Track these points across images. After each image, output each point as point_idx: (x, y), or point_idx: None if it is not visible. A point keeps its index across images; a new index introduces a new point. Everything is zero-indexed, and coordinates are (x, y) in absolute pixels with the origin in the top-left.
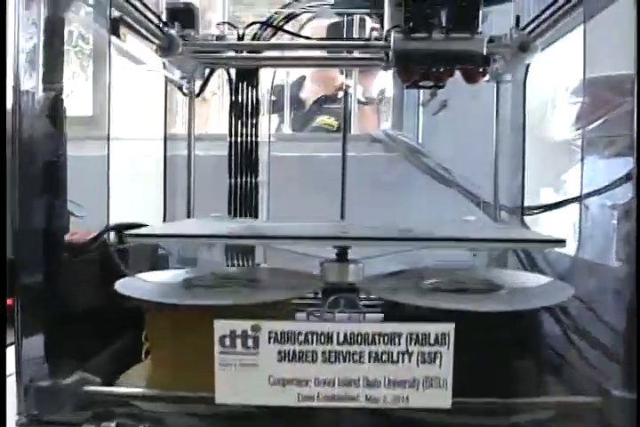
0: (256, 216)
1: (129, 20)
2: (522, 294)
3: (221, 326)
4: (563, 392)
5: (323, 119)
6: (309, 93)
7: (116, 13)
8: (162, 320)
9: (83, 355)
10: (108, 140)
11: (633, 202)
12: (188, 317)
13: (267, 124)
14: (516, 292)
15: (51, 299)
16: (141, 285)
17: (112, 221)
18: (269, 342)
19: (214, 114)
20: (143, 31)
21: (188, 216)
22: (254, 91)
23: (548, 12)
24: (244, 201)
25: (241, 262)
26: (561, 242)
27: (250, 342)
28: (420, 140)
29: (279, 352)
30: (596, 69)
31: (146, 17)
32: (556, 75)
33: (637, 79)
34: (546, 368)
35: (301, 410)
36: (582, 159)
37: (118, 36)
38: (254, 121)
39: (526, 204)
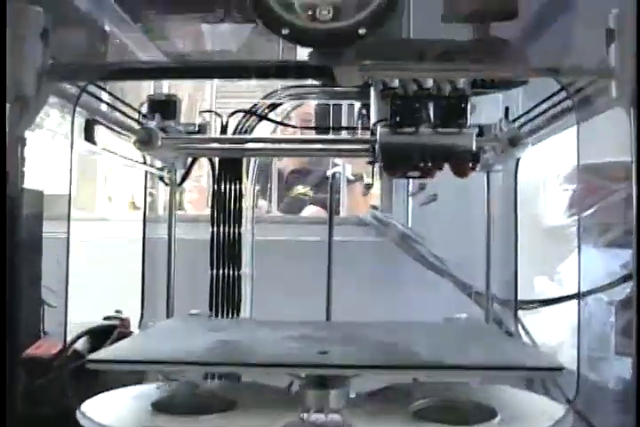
0: (238, 311)
1: (102, 120)
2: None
3: None
4: None
5: (299, 190)
6: (285, 164)
7: (91, 114)
8: None
9: None
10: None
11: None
12: None
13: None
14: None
15: None
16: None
17: (92, 308)
18: None
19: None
20: (120, 128)
21: (168, 313)
22: (237, 181)
23: (538, 110)
24: (225, 295)
25: None
26: (557, 370)
27: None
28: (410, 225)
29: None
30: (588, 156)
31: (123, 112)
32: (547, 159)
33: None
34: None
35: None
36: (579, 254)
37: (92, 140)
38: (237, 211)
39: (520, 291)
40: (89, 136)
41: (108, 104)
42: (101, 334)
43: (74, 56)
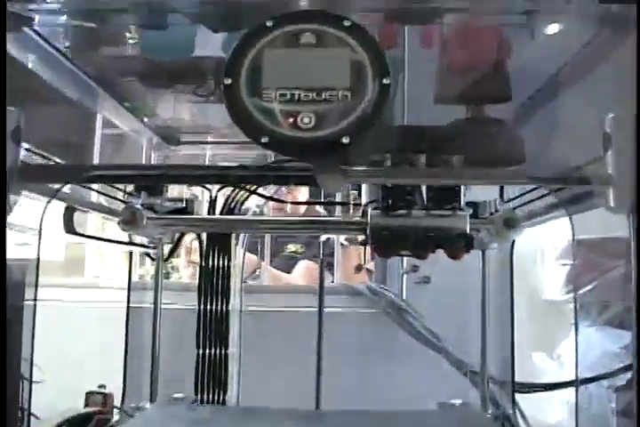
0: (225, 392)
1: (84, 208)
2: None
3: None
4: None
5: (290, 248)
6: None
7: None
8: None
9: None
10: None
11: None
12: None
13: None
14: None
15: None
16: None
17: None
18: None
19: None
20: (102, 209)
21: (151, 397)
22: (226, 256)
23: (534, 193)
24: (212, 376)
25: None
26: None
27: None
28: (404, 297)
29: None
30: (585, 231)
31: (104, 193)
32: (544, 230)
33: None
34: None
35: None
36: (576, 336)
37: (72, 229)
38: (225, 287)
39: (518, 368)
40: (68, 224)
41: (90, 188)
42: (80, 424)
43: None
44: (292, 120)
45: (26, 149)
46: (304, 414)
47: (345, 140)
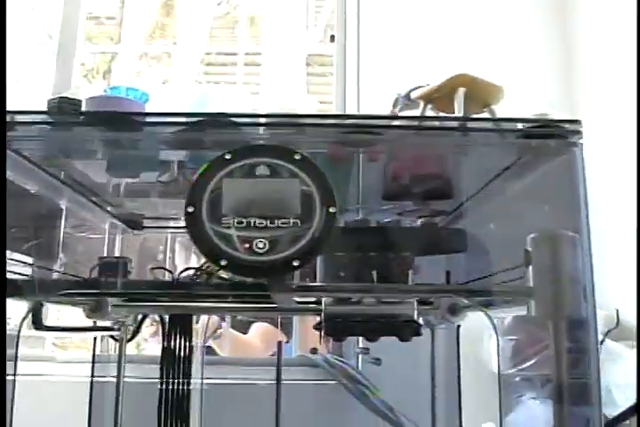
0: None
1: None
2: None
3: None
4: None
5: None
6: None
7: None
8: None
9: None
10: None
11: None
12: None
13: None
14: None
15: None
16: None
17: None
18: None
19: None
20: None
21: None
22: (187, 337)
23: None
24: None
25: None
26: None
27: None
28: (360, 368)
29: None
30: None
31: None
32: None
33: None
34: None
35: None
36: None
37: (42, 327)
38: (187, 369)
39: None
40: (37, 321)
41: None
42: None
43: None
44: (247, 245)
45: None
46: None
47: (295, 263)
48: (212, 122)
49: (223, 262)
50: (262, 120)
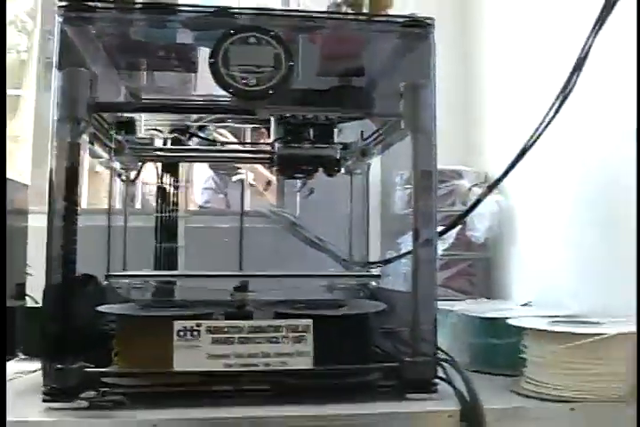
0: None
1: (98, 134)
2: (355, 306)
3: (178, 324)
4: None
5: None
6: None
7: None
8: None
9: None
10: None
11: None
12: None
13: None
14: (352, 306)
15: None
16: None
17: None
18: (206, 333)
19: None
20: (104, 139)
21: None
22: (175, 179)
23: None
24: (166, 260)
25: None
26: (376, 276)
27: (195, 333)
28: (297, 214)
29: (212, 339)
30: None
31: (106, 130)
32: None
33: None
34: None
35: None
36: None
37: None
38: (175, 202)
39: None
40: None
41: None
42: None
43: None
44: (244, 81)
45: None
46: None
47: (271, 91)
48: (219, 11)
49: (231, 90)
50: (247, 11)
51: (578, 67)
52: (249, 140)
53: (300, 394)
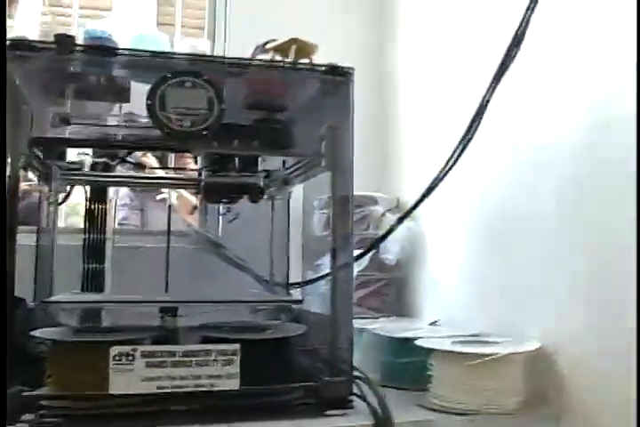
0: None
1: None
2: (278, 330)
3: (114, 350)
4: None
5: None
6: None
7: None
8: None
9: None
10: None
11: None
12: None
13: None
14: (276, 329)
15: None
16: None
17: None
18: (141, 357)
19: None
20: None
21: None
22: (103, 203)
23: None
24: (93, 281)
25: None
26: (299, 302)
27: (130, 358)
28: (220, 235)
29: (146, 363)
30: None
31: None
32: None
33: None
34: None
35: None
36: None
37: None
38: (102, 224)
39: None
40: None
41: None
42: None
43: None
44: (180, 123)
45: None
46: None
47: (205, 133)
48: (155, 55)
49: (166, 130)
50: (183, 57)
51: (478, 116)
52: (173, 164)
53: (228, 413)
